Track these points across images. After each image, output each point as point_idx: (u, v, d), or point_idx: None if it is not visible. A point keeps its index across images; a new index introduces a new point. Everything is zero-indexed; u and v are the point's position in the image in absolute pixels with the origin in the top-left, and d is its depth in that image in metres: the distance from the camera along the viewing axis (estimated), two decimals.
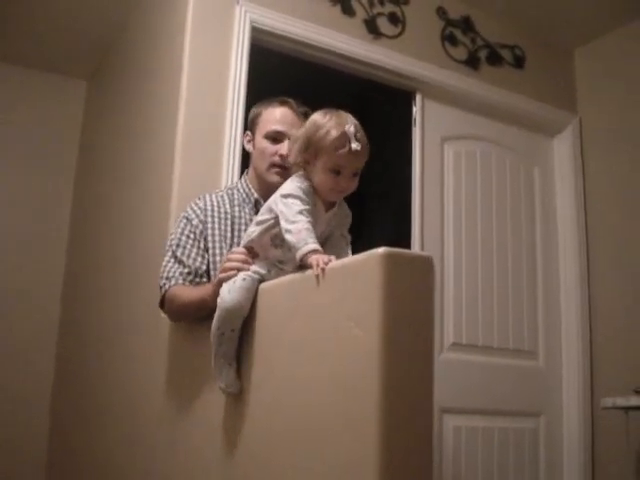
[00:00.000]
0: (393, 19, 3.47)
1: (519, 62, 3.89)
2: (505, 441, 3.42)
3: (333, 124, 1.89)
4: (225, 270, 1.96)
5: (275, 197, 1.93)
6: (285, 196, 1.87)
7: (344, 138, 1.86)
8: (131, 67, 3.70)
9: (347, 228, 2.07)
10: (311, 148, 1.90)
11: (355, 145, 1.85)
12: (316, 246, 1.72)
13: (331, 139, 1.87)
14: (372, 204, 4.20)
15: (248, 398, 1.89)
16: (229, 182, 2.75)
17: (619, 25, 3.84)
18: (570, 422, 3.63)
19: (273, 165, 2.40)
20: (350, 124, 1.88)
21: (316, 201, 1.91)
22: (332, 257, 1.66)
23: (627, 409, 3.13)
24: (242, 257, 1.96)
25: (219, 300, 1.92)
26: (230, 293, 1.89)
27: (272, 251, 1.95)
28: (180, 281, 2.26)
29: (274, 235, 1.91)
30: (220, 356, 1.94)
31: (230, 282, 1.91)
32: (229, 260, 1.98)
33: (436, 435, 3.15)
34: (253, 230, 2.00)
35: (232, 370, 1.94)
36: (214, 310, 1.96)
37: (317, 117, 1.94)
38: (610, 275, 3.72)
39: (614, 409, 3.16)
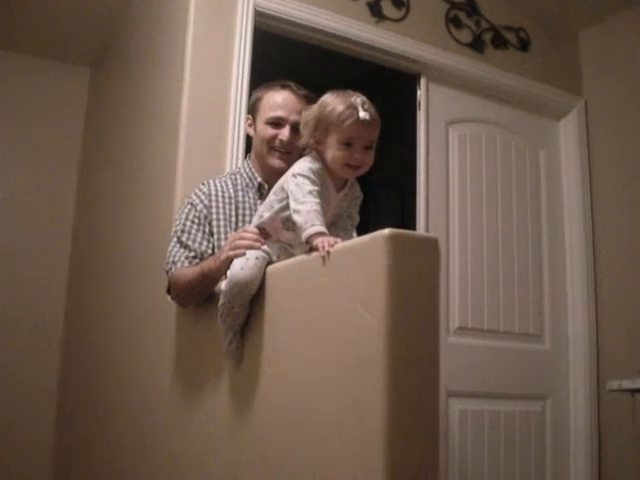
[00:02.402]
0: (397, 2, 3.45)
1: (524, 45, 3.87)
2: (511, 424, 3.43)
3: (340, 100, 1.90)
4: (236, 247, 1.95)
5: (287, 176, 1.93)
6: (295, 175, 1.87)
7: (351, 109, 1.87)
8: (134, 53, 3.69)
9: (357, 209, 2.06)
10: (321, 126, 1.91)
11: (363, 114, 1.86)
12: (322, 228, 1.72)
13: (339, 112, 1.88)
14: (377, 188, 4.20)
15: (255, 380, 1.90)
16: (233, 167, 2.74)
17: (624, 7, 3.81)
18: (577, 405, 3.63)
19: (274, 149, 2.40)
20: (357, 97, 1.90)
21: (327, 182, 1.91)
22: (338, 239, 1.66)
23: (633, 391, 3.13)
24: (254, 236, 1.95)
25: (230, 274, 1.92)
26: (243, 269, 1.89)
27: (284, 233, 1.95)
28: (186, 264, 2.27)
29: (286, 217, 1.91)
30: (227, 325, 1.96)
31: (243, 259, 1.91)
32: (241, 238, 1.96)
33: (442, 419, 3.15)
34: (264, 210, 2.00)
35: (235, 341, 1.97)
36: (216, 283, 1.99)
37: (325, 97, 1.96)
38: (616, 258, 3.71)
39: (620, 391, 3.16)
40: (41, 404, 4.11)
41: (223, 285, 1.96)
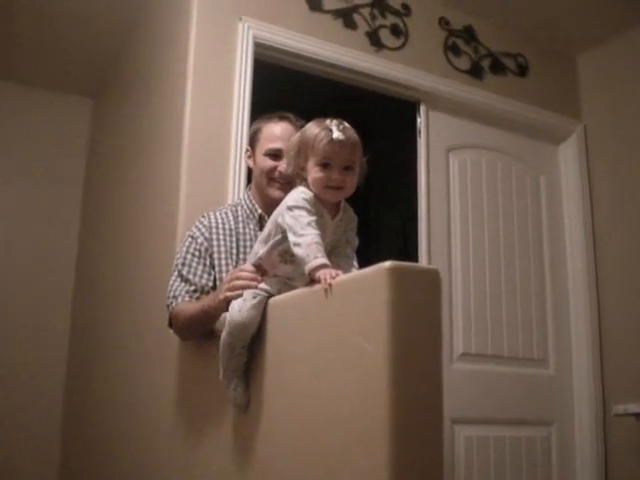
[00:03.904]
0: (395, 31, 3.48)
1: (522, 70, 3.90)
2: (517, 450, 3.41)
3: (316, 124, 1.95)
4: (233, 288, 1.96)
5: (281, 210, 1.93)
6: (291, 208, 1.86)
7: (325, 130, 1.90)
8: (136, 84, 3.72)
9: (354, 232, 2.06)
10: (301, 152, 1.94)
11: (337, 134, 1.88)
12: (324, 260, 1.72)
13: (314, 134, 1.91)
14: (379, 215, 4.21)
15: (258, 413, 1.89)
16: (235, 199, 2.75)
17: (621, 31, 3.85)
18: (582, 430, 3.61)
19: (273, 180, 2.42)
20: (332, 120, 1.93)
21: (322, 210, 1.91)
22: (339, 272, 1.66)
23: (639, 415, 3.12)
24: (250, 275, 1.96)
25: (229, 317, 1.92)
26: (241, 311, 1.90)
27: (282, 267, 1.95)
28: (187, 298, 2.27)
29: (283, 251, 1.91)
30: (230, 370, 1.96)
31: (240, 300, 1.92)
32: (237, 278, 1.98)
33: (448, 446, 3.14)
34: (260, 247, 2.01)
35: (241, 384, 1.96)
36: (215, 320, 2.01)
37: (305, 126, 2.00)
38: (619, 282, 3.71)
39: (626, 416, 3.15)
40: (45, 437, 4.10)
41: (223, 330, 1.96)
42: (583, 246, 3.82)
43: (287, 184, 2.36)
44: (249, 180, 2.71)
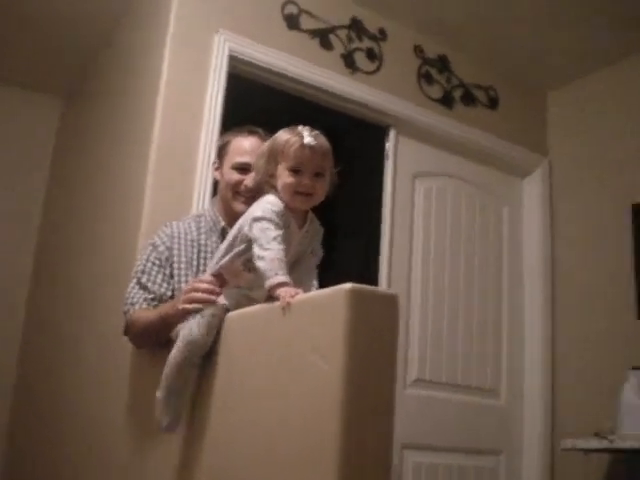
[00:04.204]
0: (370, 55, 3.52)
1: (493, 103, 3.95)
2: (465, 479, 3.42)
3: (287, 131, 1.95)
4: (191, 300, 1.94)
5: (246, 219, 1.91)
6: (258, 219, 1.84)
7: (297, 136, 1.90)
8: (107, 89, 3.70)
9: (319, 243, 2.06)
10: (271, 158, 1.94)
11: (308, 139, 1.88)
12: (285, 278, 1.71)
13: (285, 139, 1.91)
14: (342, 236, 4.21)
15: (207, 430, 1.88)
16: (200, 209, 2.75)
17: (591, 71, 3.94)
18: (530, 462, 3.65)
19: (238, 194, 2.41)
20: (304, 127, 1.93)
21: (290, 220, 1.90)
22: (299, 290, 1.66)
23: (586, 451, 3.15)
24: (209, 287, 1.94)
25: (183, 335, 1.90)
26: (198, 328, 1.88)
27: (244, 275, 1.92)
28: (144, 306, 2.25)
29: (247, 259, 1.89)
30: (172, 392, 1.91)
31: (197, 316, 1.89)
32: (196, 289, 1.95)
33: (396, 471, 3.14)
34: (222, 255, 1.99)
35: (179, 407, 1.93)
36: (172, 328, 1.98)
37: (276, 133, 1.99)
38: (575, 317, 3.76)
39: (574, 450, 3.18)
40: None
41: (173, 348, 1.93)
42: (541, 279, 3.87)
43: (252, 198, 2.35)
44: (215, 192, 2.70)
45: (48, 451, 3.36)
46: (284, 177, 1.90)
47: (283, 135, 1.94)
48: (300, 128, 1.93)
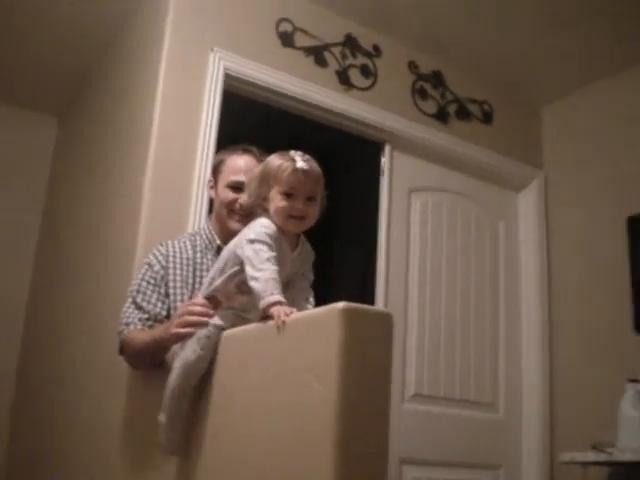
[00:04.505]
0: (365, 71, 3.53)
1: (487, 117, 3.97)
2: None
3: (280, 155, 1.97)
4: (184, 324, 1.94)
5: (240, 241, 1.92)
6: (252, 241, 1.85)
7: (290, 160, 1.92)
8: (102, 107, 3.72)
9: (310, 266, 2.07)
10: (264, 182, 1.95)
11: (301, 164, 1.90)
12: (280, 298, 1.72)
13: (278, 164, 1.93)
14: (339, 252, 4.22)
15: (203, 450, 1.88)
16: (195, 228, 2.75)
17: (586, 85, 3.96)
18: (529, 475, 3.64)
19: (233, 212, 2.42)
20: (296, 152, 1.96)
21: (282, 242, 1.91)
22: (294, 309, 1.67)
23: (585, 464, 3.15)
24: (202, 310, 1.94)
25: (179, 359, 1.91)
26: (194, 352, 1.88)
27: (238, 298, 1.93)
28: (139, 326, 2.25)
29: (240, 282, 1.89)
30: (175, 417, 1.93)
31: (194, 340, 1.90)
32: (189, 313, 1.95)
33: None
34: (213, 277, 2.00)
35: (182, 429, 1.94)
36: (166, 351, 1.99)
37: (269, 157, 2.01)
38: (572, 331, 3.77)
39: (572, 464, 3.18)
40: None
41: (172, 373, 1.94)
42: (538, 293, 3.87)
43: (247, 217, 2.36)
44: (211, 210, 2.71)
45: (46, 465, 3.35)
46: (277, 201, 1.92)
47: (276, 160, 1.96)
48: (292, 153, 1.95)
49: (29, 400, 3.87)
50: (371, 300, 3.39)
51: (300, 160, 1.92)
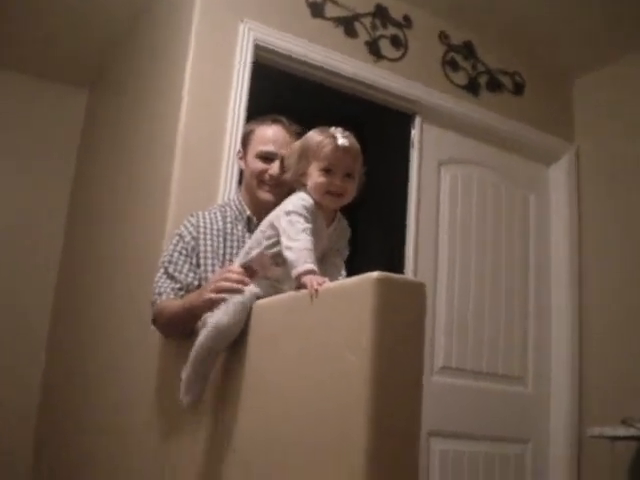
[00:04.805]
0: (395, 42, 3.50)
1: (518, 89, 3.92)
2: (491, 466, 3.42)
3: (320, 131, 1.98)
4: (219, 290, 1.95)
5: (277, 213, 1.93)
6: (288, 213, 1.87)
7: (330, 137, 1.93)
8: (133, 79, 3.72)
9: (346, 242, 2.08)
10: (303, 157, 1.96)
11: (341, 141, 1.91)
12: (313, 267, 1.72)
13: (318, 140, 1.94)
14: (367, 224, 4.21)
15: (235, 416, 1.89)
16: (225, 199, 2.76)
17: (619, 56, 3.87)
18: (557, 449, 3.63)
19: (263, 183, 2.42)
20: (336, 128, 1.96)
21: (319, 217, 1.92)
22: (326, 279, 1.67)
23: (614, 439, 3.13)
24: (238, 277, 1.95)
25: (212, 320, 1.91)
26: (226, 315, 1.89)
27: (273, 270, 1.94)
28: (172, 296, 2.27)
29: (276, 253, 1.91)
30: (197, 375, 1.93)
31: (228, 304, 1.90)
32: (225, 279, 1.96)
33: (423, 458, 3.14)
34: (251, 247, 2.01)
35: (202, 388, 1.95)
36: (198, 318, 2.00)
37: (308, 133, 2.02)
38: (603, 304, 3.73)
39: (601, 438, 3.17)
40: (20, 428, 4.06)
41: (202, 332, 1.94)
42: (568, 267, 3.84)
43: (277, 187, 2.37)
44: (240, 181, 2.71)
45: (76, 437, 3.39)
46: (315, 177, 1.92)
47: (316, 136, 1.96)
48: (332, 129, 1.95)
49: (60, 371, 3.92)
50: (400, 273, 3.37)
51: (340, 137, 1.92)
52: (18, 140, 4.39)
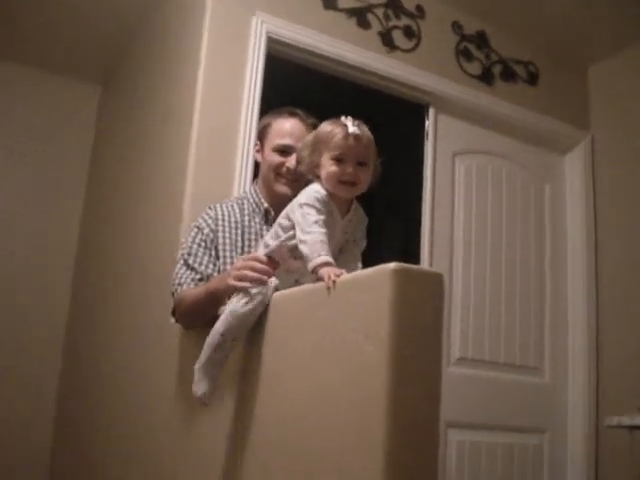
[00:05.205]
0: (408, 32, 3.49)
1: (533, 78, 3.90)
2: (509, 457, 3.42)
3: (331, 121, 1.98)
4: (242, 278, 1.93)
5: (293, 205, 1.94)
6: (301, 205, 1.88)
7: (340, 126, 1.93)
8: (146, 74, 3.72)
9: (363, 233, 2.07)
10: (315, 148, 1.96)
11: (352, 129, 1.91)
12: (328, 258, 1.73)
13: (329, 130, 1.94)
14: (382, 216, 4.21)
15: (254, 408, 1.90)
16: (241, 192, 2.76)
17: (633, 44, 3.84)
18: (574, 439, 3.62)
19: (280, 176, 2.43)
20: (347, 117, 1.95)
21: (333, 209, 1.92)
22: (343, 270, 1.67)
23: (632, 428, 3.12)
24: (263, 268, 1.93)
25: (231, 307, 1.92)
26: (244, 304, 1.90)
27: (291, 262, 1.95)
28: (192, 286, 2.28)
29: (293, 247, 1.91)
30: (211, 362, 1.94)
31: (247, 293, 1.90)
32: (251, 268, 1.93)
33: (440, 449, 3.13)
34: (270, 239, 2.00)
35: (215, 379, 1.94)
36: (220, 304, 2.00)
37: (320, 125, 2.03)
38: (619, 293, 3.72)
39: (618, 428, 3.15)
40: (39, 420, 4.10)
41: (219, 319, 1.95)
42: (584, 257, 3.82)
43: (294, 180, 2.38)
44: (256, 174, 2.71)
45: (96, 430, 3.41)
46: (328, 166, 1.92)
47: (326, 126, 1.97)
48: (343, 118, 1.95)
49: (78, 365, 3.94)
50: (415, 264, 3.37)
51: (350, 125, 1.92)
52: (32, 138, 4.40)
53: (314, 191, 1.91)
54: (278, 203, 2.28)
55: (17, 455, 3.97)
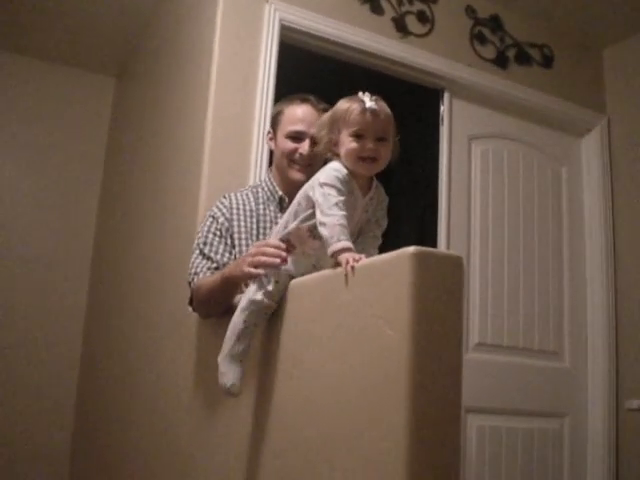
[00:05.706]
0: (422, 17, 3.47)
1: (547, 61, 3.87)
2: (529, 442, 3.41)
3: (348, 98, 1.95)
4: (256, 264, 1.93)
5: (313, 183, 1.91)
6: (322, 185, 1.84)
7: (358, 102, 1.90)
8: (159, 65, 3.72)
9: (384, 212, 2.04)
10: (334, 126, 1.93)
11: (370, 103, 1.88)
12: (347, 244, 1.71)
13: (347, 106, 1.91)
14: (399, 201, 4.19)
15: (274, 395, 1.90)
16: (256, 180, 2.76)
17: None
18: (595, 423, 3.61)
19: (294, 162, 2.42)
20: (364, 93, 1.93)
21: (353, 187, 1.89)
22: (362, 255, 1.66)
23: None
24: (276, 252, 1.92)
25: (250, 294, 1.92)
26: (262, 293, 1.90)
27: (311, 242, 1.92)
28: (208, 274, 2.28)
29: (312, 226, 1.88)
30: (234, 353, 1.93)
31: (263, 280, 1.91)
32: (263, 253, 1.93)
33: (460, 434, 3.14)
34: (287, 220, 1.98)
35: (241, 368, 1.93)
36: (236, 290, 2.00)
37: (337, 103, 1.99)
38: (637, 276, 3.69)
39: (639, 410, 3.14)
40: (59, 410, 4.13)
41: (237, 308, 1.95)
42: (602, 239, 3.80)
43: (308, 166, 2.38)
44: (270, 162, 2.71)
45: (117, 422, 3.43)
46: (347, 143, 1.89)
47: (344, 103, 1.94)
48: (360, 94, 1.92)
49: (97, 360, 3.96)
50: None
51: (369, 100, 1.89)
52: (48, 131, 4.42)
53: (334, 170, 1.87)
54: (292, 190, 2.26)
55: (36, 459, 4.00)
